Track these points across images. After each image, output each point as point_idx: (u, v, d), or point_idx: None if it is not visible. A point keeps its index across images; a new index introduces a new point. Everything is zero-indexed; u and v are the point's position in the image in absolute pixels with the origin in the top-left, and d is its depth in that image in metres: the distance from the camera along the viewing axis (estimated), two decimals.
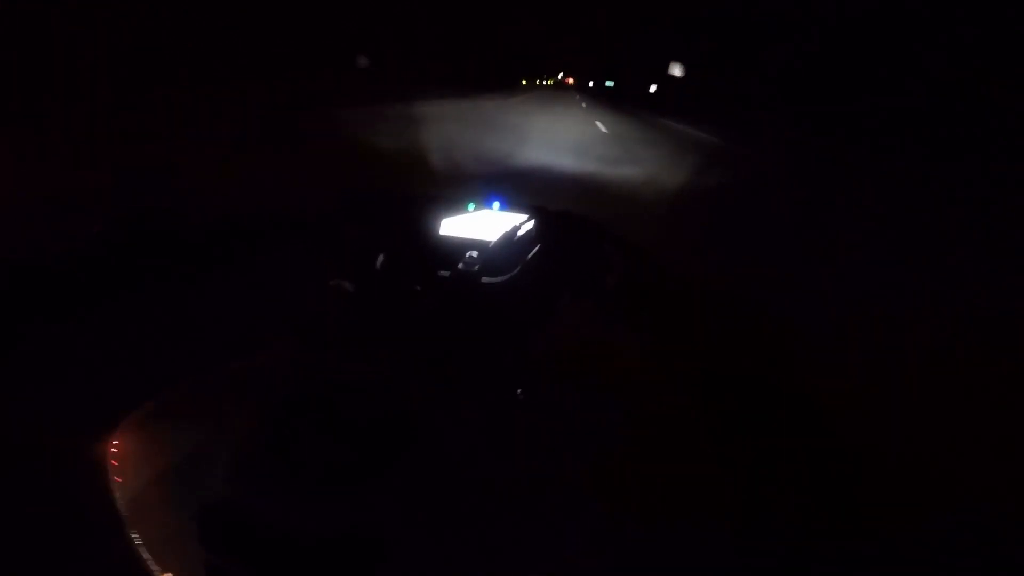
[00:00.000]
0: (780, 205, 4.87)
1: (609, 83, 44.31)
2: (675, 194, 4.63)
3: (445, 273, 1.02)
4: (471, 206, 1.21)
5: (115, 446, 0.61)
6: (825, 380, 1.14)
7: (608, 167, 5.47)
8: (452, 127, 7.62)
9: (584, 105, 18.71)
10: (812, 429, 0.98)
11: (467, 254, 1.04)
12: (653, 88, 27.30)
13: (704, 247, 3.02)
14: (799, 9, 15.96)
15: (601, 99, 27.42)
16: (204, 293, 1.09)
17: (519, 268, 1.04)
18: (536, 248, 1.06)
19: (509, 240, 1.06)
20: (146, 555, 0.52)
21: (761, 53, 16.82)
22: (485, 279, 1.02)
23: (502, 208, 1.20)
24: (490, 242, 1.07)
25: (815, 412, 1.02)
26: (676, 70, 23.41)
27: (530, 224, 1.12)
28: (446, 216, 1.17)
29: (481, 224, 1.15)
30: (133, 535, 0.53)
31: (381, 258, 1.05)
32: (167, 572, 0.51)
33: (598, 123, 11.32)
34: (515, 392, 0.84)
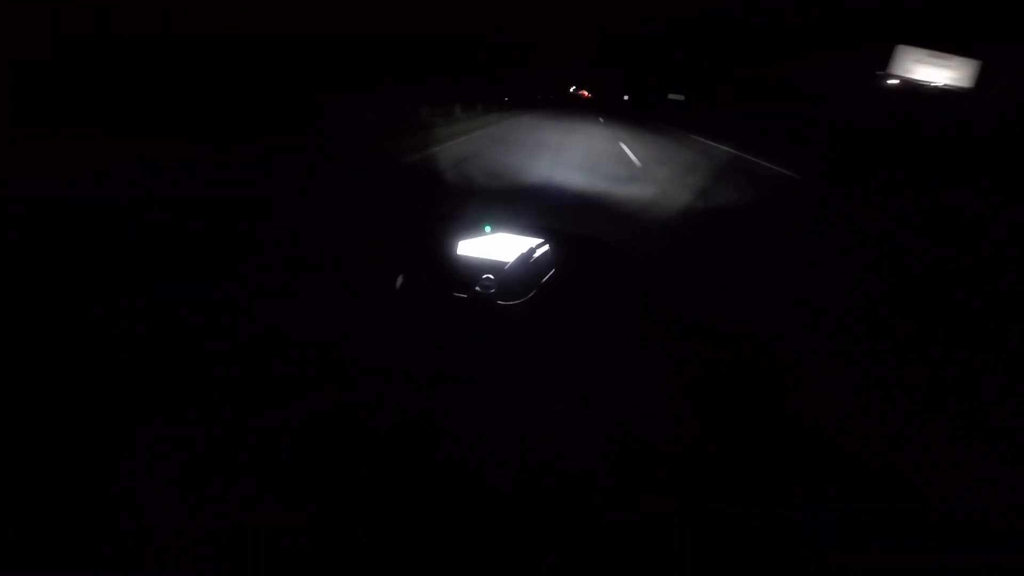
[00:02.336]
0: None
1: (625, 96, 43.56)
2: None
3: (462, 295, 1.04)
4: (488, 228, 1.23)
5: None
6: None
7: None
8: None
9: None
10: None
11: (483, 277, 1.05)
12: (676, 97, 27.09)
13: None
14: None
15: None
16: None
17: (534, 292, 1.05)
18: (551, 272, 1.07)
19: (525, 263, 1.08)
20: None
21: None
22: (501, 302, 1.03)
23: (493, 231, 1.21)
24: (506, 265, 1.09)
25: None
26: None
27: (545, 247, 1.14)
28: (463, 237, 1.19)
29: (497, 246, 1.17)
30: None
31: (401, 279, 1.07)
32: None
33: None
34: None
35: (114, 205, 2.41)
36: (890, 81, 11.56)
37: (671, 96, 28.48)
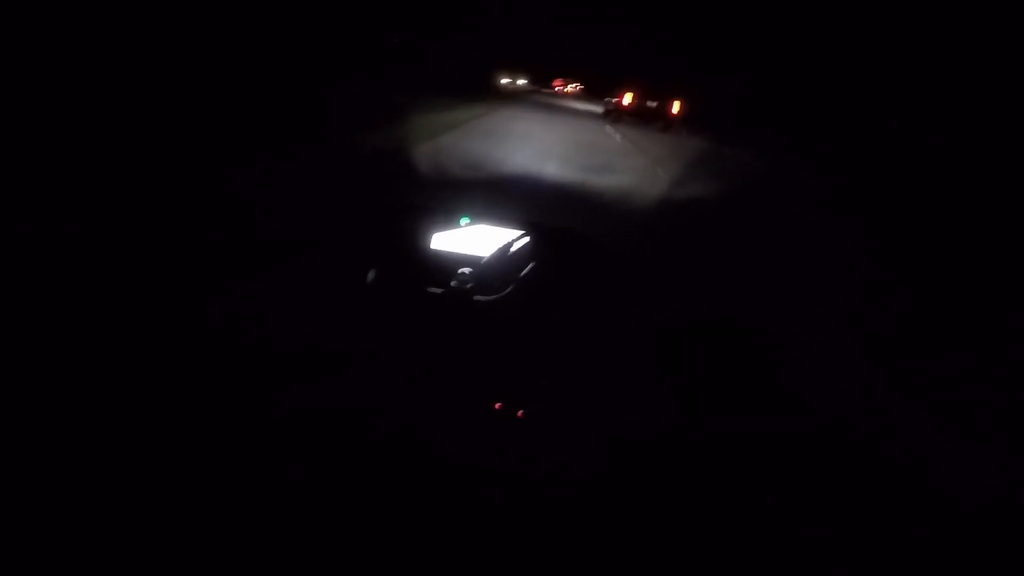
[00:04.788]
0: None
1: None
2: None
3: (437, 290, 1.01)
4: (465, 219, 1.20)
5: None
6: None
7: None
8: None
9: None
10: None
11: (459, 271, 1.02)
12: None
13: None
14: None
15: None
16: None
17: (512, 286, 1.03)
18: (530, 265, 1.05)
19: (503, 257, 1.05)
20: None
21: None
22: (478, 297, 1.00)
23: (470, 223, 1.18)
24: (483, 258, 1.06)
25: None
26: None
27: (524, 240, 1.11)
28: (438, 229, 1.16)
29: (474, 239, 1.14)
30: None
31: (372, 274, 1.03)
32: None
33: None
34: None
35: None
36: None
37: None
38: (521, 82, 29.57)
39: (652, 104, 13.73)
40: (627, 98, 13.93)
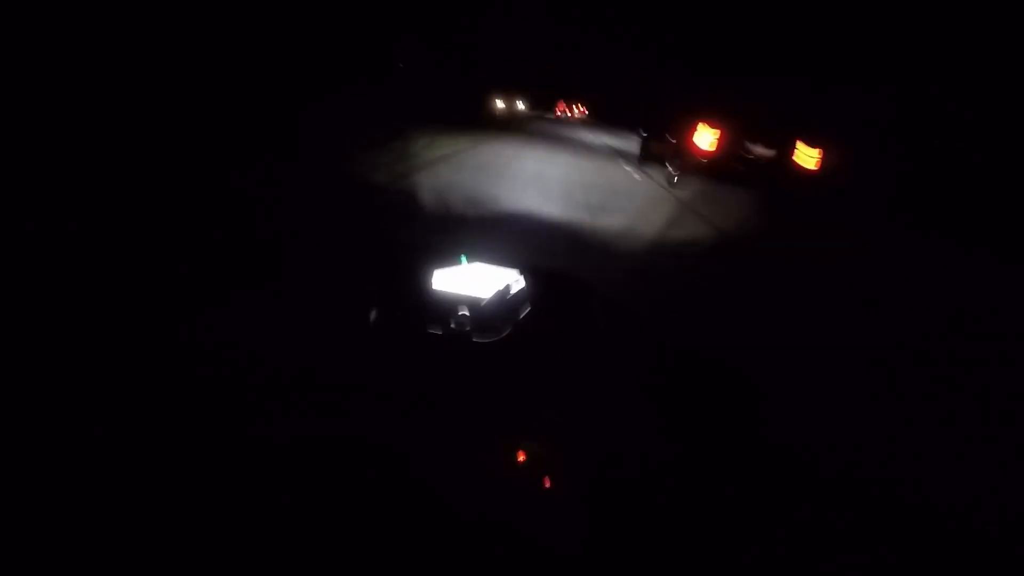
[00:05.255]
0: None
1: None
2: None
3: (437, 331, 1.03)
4: (464, 258, 1.22)
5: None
6: None
7: None
8: None
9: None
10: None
11: (459, 312, 1.04)
12: None
13: None
14: None
15: None
16: None
17: (510, 328, 1.05)
18: (528, 309, 1.07)
19: (502, 299, 1.07)
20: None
21: None
22: (476, 339, 1.02)
23: (469, 261, 1.20)
24: (482, 300, 1.08)
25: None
26: None
27: (521, 282, 1.14)
28: (438, 269, 1.18)
29: (473, 279, 1.16)
30: None
31: (374, 313, 1.05)
32: None
33: None
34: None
35: None
36: None
37: None
38: (520, 107, 26.90)
39: (763, 151, 7.12)
40: (706, 137, 6.93)
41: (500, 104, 22.06)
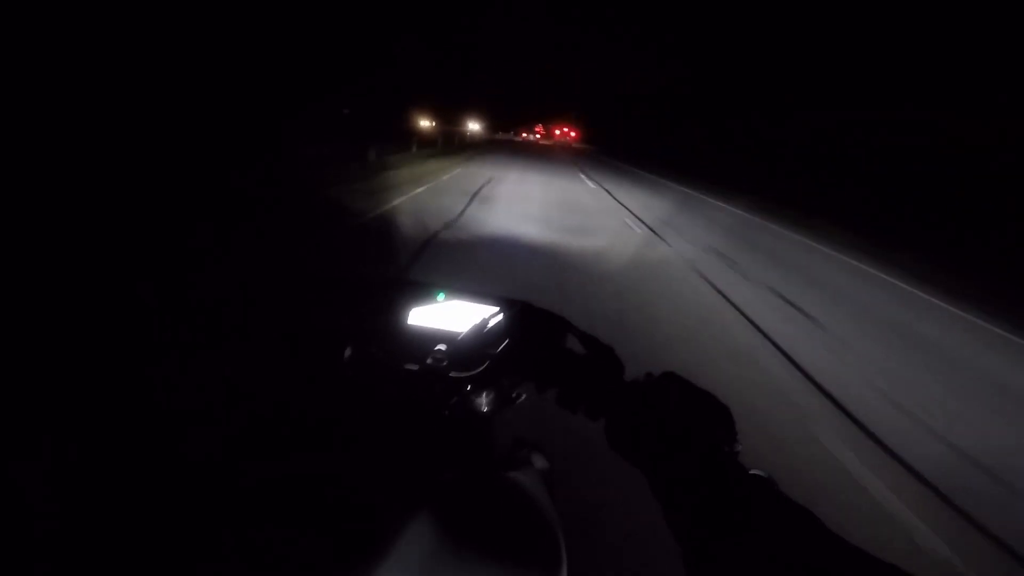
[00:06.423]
0: None
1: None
2: None
3: (413, 367, 1.03)
4: (440, 295, 1.23)
5: None
6: None
7: None
8: None
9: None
10: None
11: (436, 347, 1.05)
12: None
13: None
14: None
15: None
16: None
17: (488, 363, 1.06)
18: (505, 343, 1.09)
19: (479, 333, 1.09)
20: None
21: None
22: (453, 374, 1.03)
23: (446, 298, 1.21)
24: (460, 334, 1.09)
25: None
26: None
27: (499, 317, 1.16)
28: (414, 304, 1.19)
29: (450, 315, 1.17)
30: None
31: (348, 351, 1.04)
32: None
33: None
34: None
35: None
36: None
37: None
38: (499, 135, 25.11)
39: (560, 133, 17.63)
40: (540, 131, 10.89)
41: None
